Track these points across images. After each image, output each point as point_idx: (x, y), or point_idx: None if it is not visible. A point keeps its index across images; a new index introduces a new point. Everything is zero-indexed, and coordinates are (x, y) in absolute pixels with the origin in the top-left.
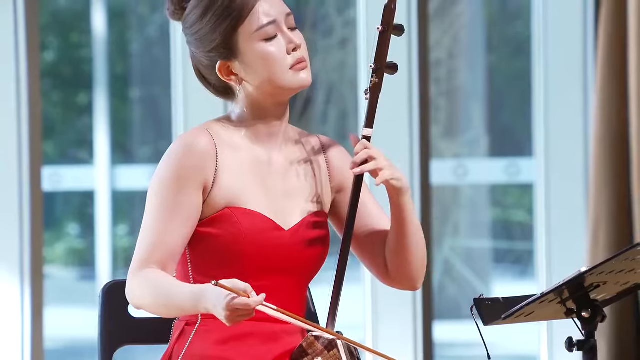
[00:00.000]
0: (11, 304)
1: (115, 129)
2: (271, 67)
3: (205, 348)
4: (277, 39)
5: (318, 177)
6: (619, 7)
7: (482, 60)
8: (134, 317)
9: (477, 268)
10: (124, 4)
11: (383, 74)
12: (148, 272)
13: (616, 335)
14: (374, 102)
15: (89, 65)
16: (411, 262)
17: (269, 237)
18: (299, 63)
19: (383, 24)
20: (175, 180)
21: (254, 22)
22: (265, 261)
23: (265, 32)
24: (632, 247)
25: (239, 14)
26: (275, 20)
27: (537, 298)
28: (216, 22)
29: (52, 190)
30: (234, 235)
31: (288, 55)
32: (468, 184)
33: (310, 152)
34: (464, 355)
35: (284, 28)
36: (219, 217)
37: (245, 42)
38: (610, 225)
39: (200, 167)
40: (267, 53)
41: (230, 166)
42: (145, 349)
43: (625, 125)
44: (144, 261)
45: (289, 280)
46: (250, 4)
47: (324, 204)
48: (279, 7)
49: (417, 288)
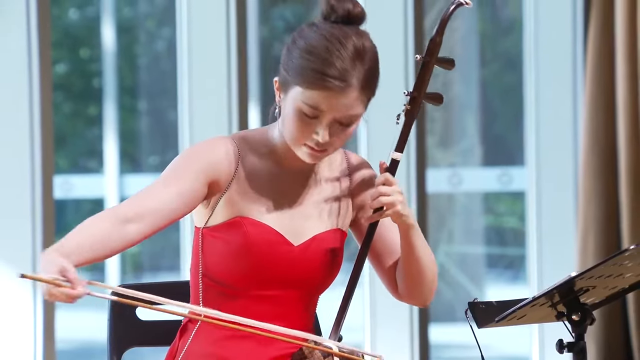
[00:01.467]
0: (24, 307)
1: (124, 140)
2: (290, 131)
3: (205, 345)
4: (314, 120)
5: (338, 196)
6: (607, 24)
7: (476, 74)
8: (141, 320)
9: (471, 273)
10: (132, 20)
11: (419, 103)
12: (103, 213)
13: (605, 338)
14: (406, 128)
15: (98, 78)
16: (420, 286)
17: (277, 251)
18: (314, 150)
19: (426, 55)
20: (188, 162)
21: (309, 97)
22: (270, 273)
23: (307, 109)
24: (620, 252)
25: (307, 80)
26: (324, 112)
27: (529, 302)
28: (297, 62)
29: (64, 198)
30: (241, 244)
31: (308, 136)
32: (462, 192)
33: (334, 170)
34: (458, 356)
35: (328, 120)
36: (229, 224)
37: (292, 97)
38: (598, 232)
39: (214, 164)
40: (294, 119)
41: (248, 177)
42: (152, 351)
43: (613, 136)
44: (121, 205)
45: (294, 293)
46: (322, 88)
47: (340, 222)
48: (342, 108)
49: (426, 305)
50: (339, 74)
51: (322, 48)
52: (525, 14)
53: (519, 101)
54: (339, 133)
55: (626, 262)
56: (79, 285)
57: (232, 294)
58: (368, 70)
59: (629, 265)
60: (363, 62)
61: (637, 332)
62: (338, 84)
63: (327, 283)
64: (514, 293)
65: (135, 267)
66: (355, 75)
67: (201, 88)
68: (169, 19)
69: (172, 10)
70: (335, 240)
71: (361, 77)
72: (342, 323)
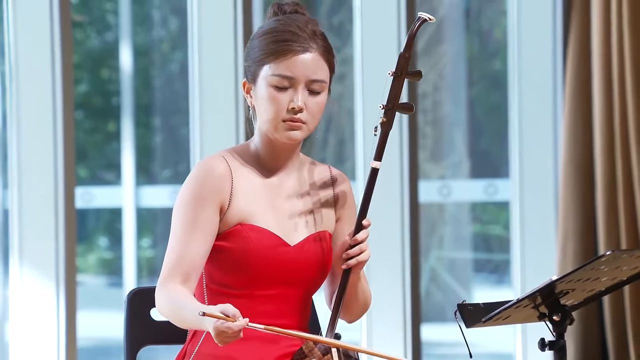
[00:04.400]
0: (48, 307)
1: (140, 154)
2: (267, 110)
3: (214, 347)
4: (287, 92)
5: (324, 203)
6: (584, 49)
7: (464, 93)
8: (155, 320)
9: (459, 276)
10: (147, 44)
11: (393, 114)
12: (170, 287)
13: (583, 336)
14: (383, 138)
15: (117, 97)
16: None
17: (276, 252)
18: (292, 122)
19: (396, 70)
20: (196, 201)
21: (277, 68)
22: (271, 273)
23: (278, 80)
24: (597, 258)
25: (273, 53)
26: (294, 78)
27: (513, 303)
28: (258, 47)
29: (84, 207)
30: (243, 249)
31: (287, 110)
32: (451, 202)
33: (319, 180)
34: (448, 353)
35: (300, 88)
36: (231, 232)
37: (262, 78)
38: (577, 239)
39: (217, 190)
40: (268, 96)
41: (243, 189)
42: (165, 349)
43: (590, 151)
44: (170, 274)
45: (294, 290)
46: (287, 53)
47: (327, 226)
48: (308, 70)
49: (352, 322)
50: (301, 40)
51: (281, 26)
52: (510, 39)
53: (503, 118)
54: (310, 102)
55: (602, 266)
56: (240, 318)
57: (237, 295)
58: (324, 44)
59: (605, 269)
60: (318, 37)
61: (613, 332)
62: (300, 47)
63: (320, 279)
64: (499, 295)
65: (150, 271)
66: (314, 44)
67: (211, 107)
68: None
69: (184, 36)
70: (326, 240)
71: (319, 47)
72: (336, 322)
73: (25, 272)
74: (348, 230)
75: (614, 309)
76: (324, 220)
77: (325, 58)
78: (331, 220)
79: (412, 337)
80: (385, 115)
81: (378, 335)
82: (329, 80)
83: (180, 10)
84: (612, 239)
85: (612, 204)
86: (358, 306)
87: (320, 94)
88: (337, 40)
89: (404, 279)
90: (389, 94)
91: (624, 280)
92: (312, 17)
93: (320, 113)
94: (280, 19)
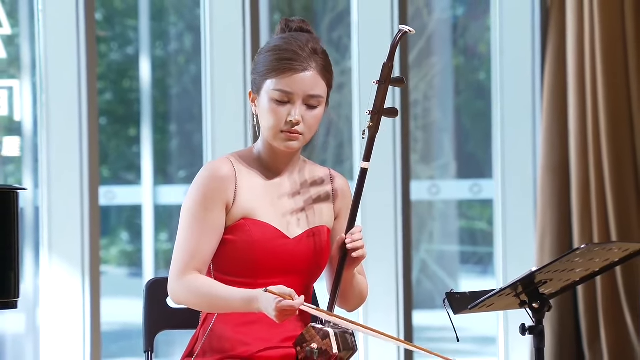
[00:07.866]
0: (75, 295)
1: (158, 156)
2: (268, 121)
3: (223, 330)
4: (286, 106)
5: (323, 199)
6: (560, 62)
7: (451, 101)
8: (171, 307)
9: (447, 268)
10: (165, 57)
11: (379, 119)
12: (190, 278)
13: (559, 322)
14: (371, 141)
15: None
16: (346, 303)
17: (277, 244)
18: (290, 133)
19: (380, 78)
20: (203, 201)
21: (279, 84)
22: (273, 264)
23: (278, 95)
24: (573, 251)
25: (275, 70)
26: (293, 93)
27: (497, 292)
28: (263, 62)
29: (107, 204)
30: (247, 242)
31: (286, 122)
32: (440, 200)
33: (318, 179)
34: (437, 337)
35: (298, 102)
36: (235, 226)
37: (265, 92)
38: (554, 234)
39: (222, 189)
40: (269, 109)
41: (246, 188)
42: (179, 333)
43: (566, 155)
44: (184, 268)
45: (295, 280)
46: (287, 71)
47: (326, 221)
48: (306, 87)
49: (351, 312)
50: (301, 59)
51: (284, 45)
52: (493, 53)
53: (487, 124)
54: (308, 115)
55: (577, 259)
56: (296, 297)
57: (241, 283)
58: (323, 62)
59: (580, 261)
60: (318, 57)
61: (586, 318)
62: (300, 66)
63: (319, 270)
64: (483, 285)
65: (167, 263)
66: (313, 62)
67: (222, 114)
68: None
69: (198, 50)
70: (324, 234)
71: (318, 65)
72: (333, 309)
73: (54, 263)
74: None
75: (587, 297)
76: (323, 215)
77: (322, 75)
78: (330, 215)
79: (404, 322)
80: (372, 120)
81: (374, 320)
82: (327, 95)
83: (194, 27)
84: (586, 234)
85: (585, 202)
86: (354, 297)
87: (317, 108)
88: (336, 53)
89: (397, 269)
90: (374, 100)
91: (596, 271)
92: (314, 36)
93: (316, 125)
94: (284, 37)
